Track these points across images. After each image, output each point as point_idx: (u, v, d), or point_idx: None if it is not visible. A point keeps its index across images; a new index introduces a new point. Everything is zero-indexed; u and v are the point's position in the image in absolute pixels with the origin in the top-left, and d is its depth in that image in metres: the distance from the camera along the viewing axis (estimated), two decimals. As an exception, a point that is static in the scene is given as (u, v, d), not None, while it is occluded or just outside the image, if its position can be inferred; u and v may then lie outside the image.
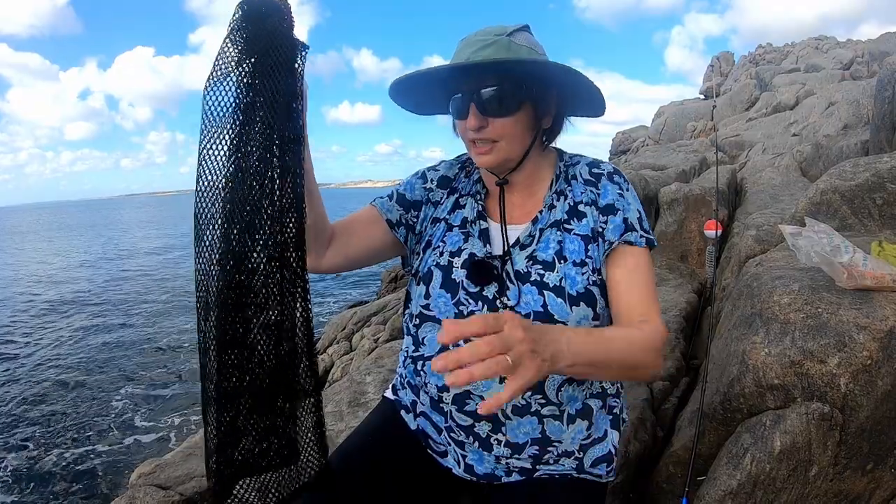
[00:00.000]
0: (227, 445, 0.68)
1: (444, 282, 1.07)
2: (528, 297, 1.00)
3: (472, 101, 0.97)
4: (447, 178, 1.20)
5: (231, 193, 0.65)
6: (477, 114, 0.98)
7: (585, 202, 1.06)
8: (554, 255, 1.02)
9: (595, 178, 1.09)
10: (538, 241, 1.05)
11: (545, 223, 1.06)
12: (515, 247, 1.05)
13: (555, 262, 1.02)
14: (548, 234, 1.05)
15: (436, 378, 1.08)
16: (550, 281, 1.00)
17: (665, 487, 1.49)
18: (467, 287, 1.04)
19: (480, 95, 0.97)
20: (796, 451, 1.19)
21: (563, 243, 1.03)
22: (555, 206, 1.08)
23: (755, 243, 2.55)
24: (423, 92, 1.09)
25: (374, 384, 2.03)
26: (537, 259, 1.03)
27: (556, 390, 1.02)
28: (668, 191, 3.68)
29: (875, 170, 2.10)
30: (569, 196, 1.08)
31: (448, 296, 1.06)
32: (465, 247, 1.09)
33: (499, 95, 0.97)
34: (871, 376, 1.20)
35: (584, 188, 1.08)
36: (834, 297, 1.34)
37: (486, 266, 1.03)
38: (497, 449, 1.05)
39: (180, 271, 20.92)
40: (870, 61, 13.28)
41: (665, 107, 18.94)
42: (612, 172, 1.10)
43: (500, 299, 1.02)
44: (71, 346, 10.87)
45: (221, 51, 0.68)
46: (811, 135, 6.37)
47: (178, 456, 3.54)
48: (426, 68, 1.01)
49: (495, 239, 1.09)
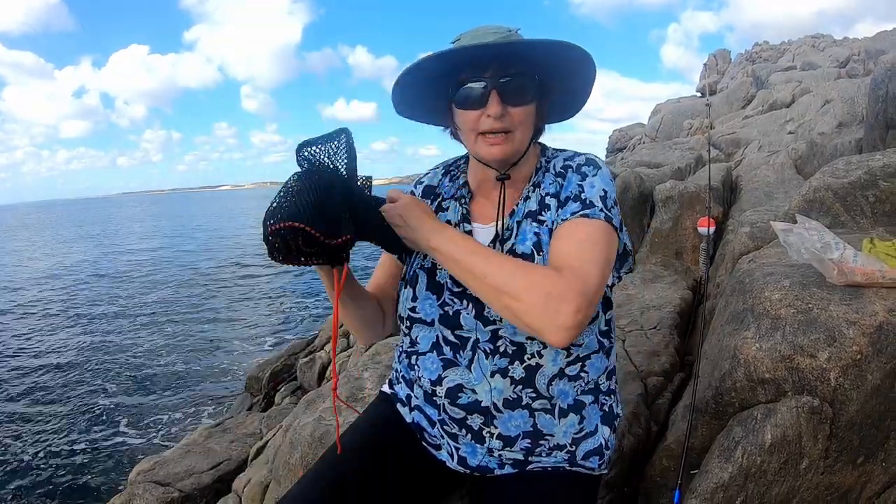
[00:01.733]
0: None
1: (428, 284, 1.09)
2: None
3: (495, 87, 0.98)
4: (431, 187, 1.22)
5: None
6: (499, 101, 0.98)
7: (551, 194, 1.07)
8: (532, 246, 1.04)
9: (564, 169, 1.09)
10: (516, 235, 1.06)
11: (521, 215, 1.08)
12: (496, 242, 1.07)
13: (534, 255, 1.03)
14: (524, 227, 1.06)
15: (428, 372, 1.09)
16: None
17: (658, 481, 1.51)
18: (451, 287, 1.06)
19: (504, 83, 0.98)
20: (787, 443, 1.21)
21: (540, 235, 1.04)
22: (529, 198, 1.09)
23: (749, 240, 2.57)
24: (419, 91, 1.08)
25: (371, 379, 2.05)
26: (517, 252, 1.04)
27: (546, 384, 1.04)
28: (664, 188, 3.69)
29: (868, 167, 2.11)
30: (541, 188, 1.09)
31: (433, 297, 1.08)
32: None
33: (521, 83, 0.99)
34: (860, 371, 1.22)
35: (553, 179, 1.08)
36: (824, 293, 1.36)
37: None
38: (489, 441, 1.06)
39: (168, 266, 20.88)
40: (866, 59, 13.33)
41: (662, 104, 18.97)
42: (583, 164, 1.08)
43: None
44: (65, 344, 10.85)
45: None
46: (807, 133, 6.40)
47: (177, 453, 3.57)
48: (445, 49, 0.98)
49: (479, 240, 1.09)
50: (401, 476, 1.13)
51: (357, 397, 1.94)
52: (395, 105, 1.12)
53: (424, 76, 1.02)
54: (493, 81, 0.98)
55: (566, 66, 1.02)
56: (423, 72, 1.01)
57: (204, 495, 2.95)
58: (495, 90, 0.98)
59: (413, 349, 1.14)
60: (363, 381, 2.05)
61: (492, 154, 1.03)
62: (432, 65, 0.99)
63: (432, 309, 1.08)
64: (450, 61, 0.99)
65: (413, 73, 1.01)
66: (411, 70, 1.00)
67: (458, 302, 1.06)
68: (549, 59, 1.00)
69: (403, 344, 1.19)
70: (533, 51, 0.99)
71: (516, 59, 0.98)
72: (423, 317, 1.09)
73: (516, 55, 0.98)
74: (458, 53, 0.97)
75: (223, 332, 11.28)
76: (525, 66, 0.99)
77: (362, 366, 2.19)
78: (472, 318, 1.04)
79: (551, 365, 1.04)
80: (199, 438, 3.66)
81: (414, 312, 1.11)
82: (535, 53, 0.99)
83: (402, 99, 1.10)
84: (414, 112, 1.16)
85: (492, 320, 1.03)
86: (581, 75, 1.06)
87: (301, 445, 1.77)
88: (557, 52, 0.99)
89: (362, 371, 2.13)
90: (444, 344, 1.08)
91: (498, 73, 0.98)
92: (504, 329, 1.02)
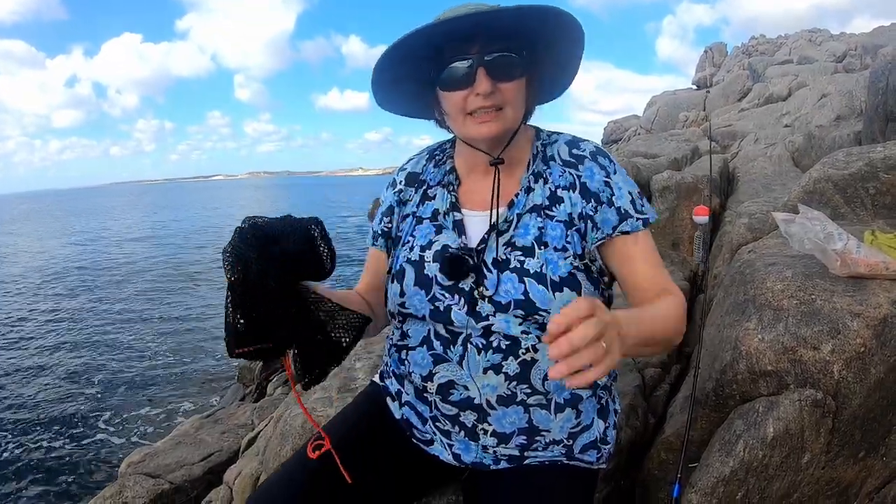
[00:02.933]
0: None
1: (416, 278, 1.04)
2: (507, 286, 0.97)
3: (482, 64, 0.93)
4: (414, 174, 1.17)
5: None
6: (487, 78, 0.93)
7: (563, 186, 1.02)
8: (534, 240, 0.99)
9: (576, 159, 1.05)
10: (516, 227, 1.01)
11: (522, 207, 1.03)
12: (492, 233, 1.02)
13: (534, 248, 0.98)
14: (527, 220, 1.01)
15: (419, 368, 1.06)
16: (531, 267, 0.97)
17: (657, 474, 1.48)
18: (441, 281, 1.02)
19: (491, 60, 0.93)
20: (789, 437, 1.19)
21: (545, 229, 1.00)
22: (533, 189, 1.04)
23: (747, 231, 2.55)
24: (400, 78, 1.01)
25: (363, 370, 2.02)
26: (516, 245, 1.00)
27: (542, 379, 1.00)
28: (661, 178, 3.66)
29: (868, 159, 2.09)
30: (549, 180, 1.04)
31: (422, 293, 1.03)
32: (436, 239, 1.06)
33: (509, 58, 0.94)
34: (864, 364, 1.19)
35: (564, 170, 1.04)
36: (827, 285, 1.33)
37: (461, 260, 1.00)
38: (484, 438, 1.03)
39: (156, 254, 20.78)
40: (863, 54, 13.34)
41: (657, 96, 18.95)
42: (595, 152, 1.05)
43: (478, 290, 0.99)
44: (54, 336, 10.79)
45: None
46: (803, 126, 6.39)
47: (168, 444, 3.53)
48: (422, 25, 0.90)
49: (471, 230, 1.05)
50: (391, 468, 1.10)
51: (349, 387, 1.91)
52: (376, 98, 1.06)
53: (404, 61, 0.96)
54: (479, 58, 0.92)
55: (552, 35, 0.97)
56: (402, 54, 0.94)
57: (195, 487, 2.92)
58: (482, 67, 0.92)
59: (403, 343, 1.10)
60: (355, 372, 2.03)
61: (481, 133, 0.97)
62: (411, 44, 0.92)
63: (422, 304, 1.03)
64: (430, 40, 0.93)
65: (391, 56, 0.94)
66: (388, 53, 0.93)
67: (448, 297, 1.01)
68: (536, 29, 0.95)
69: (394, 337, 1.15)
70: (518, 21, 0.92)
71: (502, 32, 0.92)
72: (414, 312, 1.05)
73: (501, 27, 0.92)
74: (438, 29, 0.91)
75: (214, 323, 11.22)
76: (512, 40, 0.94)
77: (354, 356, 2.16)
78: (464, 314, 0.99)
79: (546, 360, 0.99)
80: (190, 430, 3.63)
81: (404, 308, 1.06)
82: (521, 24, 0.93)
83: (382, 88, 1.03)
84: (397, 103, 1.10)
85: (484, 316, 0.98)
86: (569, 43, 1.00)
87: (292, 437, 1.74)
88: (544, 19, 0.93)
89: (354, 361, 2.11)
90: (435, 338, 1.04)
91: (484, 48, 0.92)
92: (497, 324, 0.98)
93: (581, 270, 0.99)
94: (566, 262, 0.97)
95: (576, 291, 0.97)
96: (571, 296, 0.96)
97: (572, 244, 0.99)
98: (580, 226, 1.00)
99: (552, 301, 0.95)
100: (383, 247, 1.16)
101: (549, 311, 0.95)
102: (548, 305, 0.95)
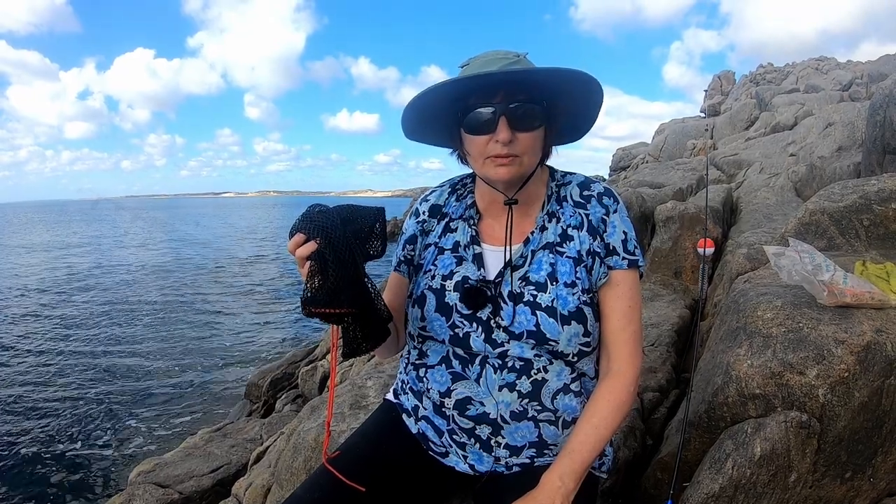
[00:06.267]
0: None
1: (437, 305, 1.13)
2: (521, 318, 1.06)
3: (504, 113, 1.00)
4: (437, 206, 1.24)
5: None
6: (507, 128, 1.00)
7: (574, 225, 1.11)
8: (546, 276, 1.08)
9: (585, 199, 1.13)
10: (530, 263, 1.10)
11: (537, 245, 1.11)
12: (507, 268, 1.10)
13: (547, 284, 1.07)
14: (540, 256, 1.10)
15: (438, 384, 1.14)
16: (543, 301, 1.06)
17: (652, 492, 1.54)
18: (461, 310, 1.10)
19: (513, 109, 1.00)
20: (776, 457, 1.25)
21: (556, 265, 1.09)
22: (546, 228, 1.12)
23: (746, 261, 2.61)
24: (428, 115, 1.11)
25: (374, 388, 2.09)
26: (530, 280, 1.09)
27: (551, 398, 1.09)
28: (664, 209, 3.75)
29: (863, 192, 2.17)
30: (561, 219, 1.13)
31: (443, 319, 1.12)
32: (457, 270, 1.14)
33: (529, 109, 1.01)
34: (848, 388, 1.26)
35: (574, 211, 1.13)
36: (814, 313, 1.41)
37: (480, 292, 1.09)
38: (497, 451, 1.11)
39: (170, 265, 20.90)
40: (868, 83, 13.44)
41: (665, 124, 19.08)
42: (602, 193, 1.14)
43: (495, 319, 1.08)
44: (65, 346, 10.87)
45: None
46: (808, 155, 6.46)
47: (178, 455, 3.60)
48: (456, 77, 1.01)
49: (489, 262, 1.14)
50: (405, 479, 1.16)
51: (360, 404, 1.98)
52: (405, 131, 1.15)
53: (434, 100, 1.05)
54: (501, 107, 0.99)
55: (573, 91, 1.05)
56: (433, 96, 1.04)
57: (203, 498, 2.97)
58: (504, 116, 0.99)
59: (422, 361, 1.18)
60: (366, 390, 2.10)
61: (499, 174, 1.04)
62: (443, 90, 1.02)
63: (442, 329, 1.12)
64: (459, 87, 1.02)
65: (424, 97, 1.04)
66: (424, 95, 1.03)
67: (467, 324, 1.10)
68: (557, 85, 1.03)
69: (411, 356, 1.22)
70: (546, 78, 1.01)
71: (524, 85, 1.01)
72: (434, 335, 1.13)
73: (524, 81, 1.01)
74: (469, 83, 1.00)
75: (223, 339, 11.30)
76: (533, 92, 1.02)
77: (365, 375, 2.23)
78: (482, 341, 1.08)
79: (556, 380, 1.08)
80: (199, 442, 3.69)
81: (425, 331, 1.14)
82: (543, 79, 1.01)
83: (411, 123, 1.13)
84: (423, 135, 1.19)
85: (500, 343, 1.07)
86: (588, 100, 1.09)
87: (304, 450, 1.81)
88: (565, 79, 1.02)
89: (365, 380, 2.18)
90: (454, 358, 1.12)
91: (506, 99, 0.99)
92: (512, 349, 1.07)
93: (588, 304, 1.07)
94: (574, 297, 1.06)
95: (582, 325, 1.06)
96: (578, 329, 1.05)
97: (581, 280, 1.08)
98: (588, 261, 1.09)
99: (561, 333, 1.05)
100: (406, 273, 1.24)
101: (559, 342, 1.05)
102: (557, 336, 1.05)
